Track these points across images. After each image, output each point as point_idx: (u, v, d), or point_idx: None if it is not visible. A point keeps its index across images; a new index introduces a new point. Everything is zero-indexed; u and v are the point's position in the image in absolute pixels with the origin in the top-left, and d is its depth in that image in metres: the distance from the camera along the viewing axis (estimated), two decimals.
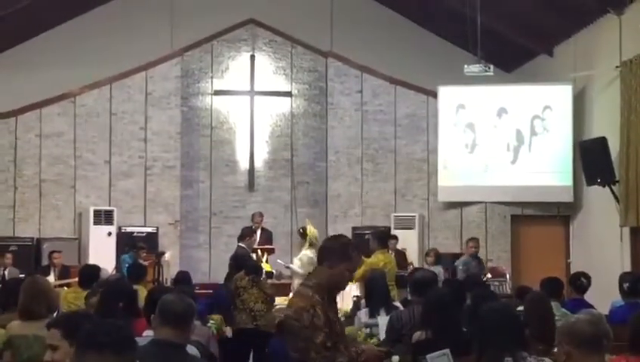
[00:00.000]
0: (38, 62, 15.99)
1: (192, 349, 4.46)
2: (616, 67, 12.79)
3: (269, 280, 11.69)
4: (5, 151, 15.58)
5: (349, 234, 15.25)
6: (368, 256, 10.32)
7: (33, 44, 16.42)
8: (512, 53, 16.47)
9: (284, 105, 16.96)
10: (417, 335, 6.03)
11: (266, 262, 12.82)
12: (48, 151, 15.72)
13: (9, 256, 13.58)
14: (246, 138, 16.69)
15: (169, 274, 12.85)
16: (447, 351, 5.31)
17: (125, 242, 14.57)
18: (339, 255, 4.46)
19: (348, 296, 11.83)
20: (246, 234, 12.64)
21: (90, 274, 8.33)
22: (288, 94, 16.95)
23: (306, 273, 8.49)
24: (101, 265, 10.89)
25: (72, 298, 7.93)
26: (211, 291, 11.37)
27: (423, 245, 15.87)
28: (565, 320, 4.40)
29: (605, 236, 13.49)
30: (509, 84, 16.20)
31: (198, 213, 16.65)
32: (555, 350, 4.00)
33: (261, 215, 14.33)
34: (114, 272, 12.06)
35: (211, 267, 16.32)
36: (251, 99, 16.71)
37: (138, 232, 15.34)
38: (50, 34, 16.51)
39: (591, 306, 7.08)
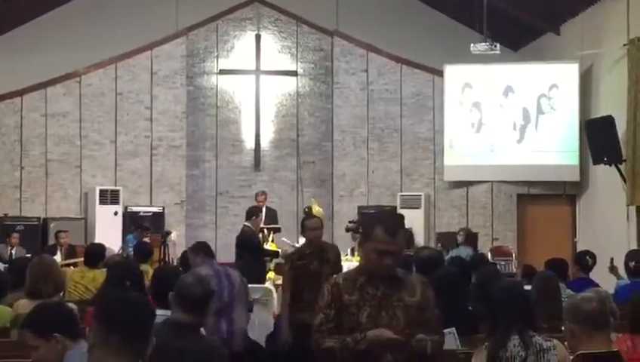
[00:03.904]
0: (43, 42, 15.96)
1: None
2: (624, 45, 12.71)
3: (275, 260, 11.69)
4: (11, 131, 15.61)
5: (354, 214, 15.27)
6: None
7: (38, 24, 16.39)
8: (518, 32, 16.38)
9: (289, 84, 16.92)
10: None
11: (272, 241, 12.80)
12: (54, 131, 15.74)
13: (16, 235, 13.65)
14: (252, 117, 16.67)
15: (175, 253, 12.86)
16: (452, 329, 5.33)
17: (131, 222, 14.61)
18: (363, 232, 4.13)
19: None
20: (252, 213, 12.62)
21: (95, 253, 8.35)
22: (294, 73, 16.91)
23: None
24: (107, 245, 10.92)
25: (78, 277, 7.94)
26: None
27: (429, 225, 15.88)
28: (570, 299, 4.39)
29: (612, 215, 13.46)
30: (516, 62, 16.13)
31: (204, 193, 16.67)
32: (563, 329, 4.01)
33: (264, 193, 14.30)
34: (120, 252, 12.08)
35: (217, 246, 16.31)
36: (257, 78, 16.68)
37: (144, 212, 15.37)
38: (55, 13, 16.46)
39: (596, 285, 7.08)
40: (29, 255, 10.96)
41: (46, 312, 3.70)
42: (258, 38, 16.79)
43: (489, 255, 13.59)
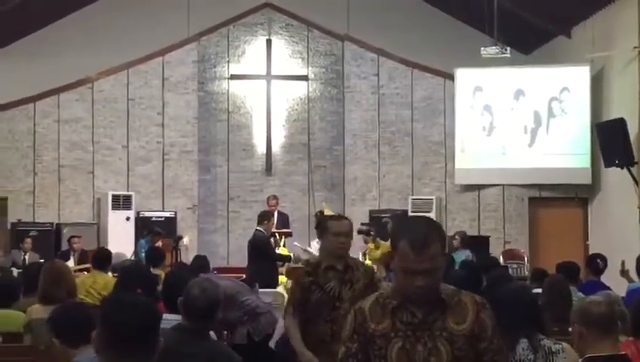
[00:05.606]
0: (55, 49, 16.06)
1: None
2: (635, 48, 12.70)
3: (287, 264, 11.70)
4: (24, 137, 15.70)
5: (366, 218, 15.27)
6: (387, 239, 10.35)
7: (51, 31, 16.51)
8: (529, 35, 16.36)
9: (300, 89, 16.95)
10: None
11: (284, 245, 12.82)
12: (67, 137, 15.83)
13: (29, 240, 13.75)
14: (263, 122, 16.70)
15: (187, 258, 12.90)
16: None
17: (143, 227, 14.66)
18: (391, 243, 3.18)
19: None
20: (264, 217, 12.64)
21: (102, 257, 8.46)
22: (305, 78, 16.94)
23: None
24: (120, 250, 10.98)
25: (90, 282, 7.99)
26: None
27: None
28: (579, 302, 4.40)
29: (623, 218, 13.42)
30: (527, 65, 16.11)
31: (216, 198, 16.71)
32: (570, 330, 4.01)
33: (275, 198, 14.34)
34: (132, 257, 12.13)
35: (229, 251, 16.39)
36: (268, 83, 16.71)
37: (156, 217, 15.42)
38: (68, 20, 16.58)
39: (607, 288, 7.07)
40: (42, 260, 11.03)
41: (66, 314, 3.73)
42: (269, 43, 16.83)
43: (501, 258, 13.59)
